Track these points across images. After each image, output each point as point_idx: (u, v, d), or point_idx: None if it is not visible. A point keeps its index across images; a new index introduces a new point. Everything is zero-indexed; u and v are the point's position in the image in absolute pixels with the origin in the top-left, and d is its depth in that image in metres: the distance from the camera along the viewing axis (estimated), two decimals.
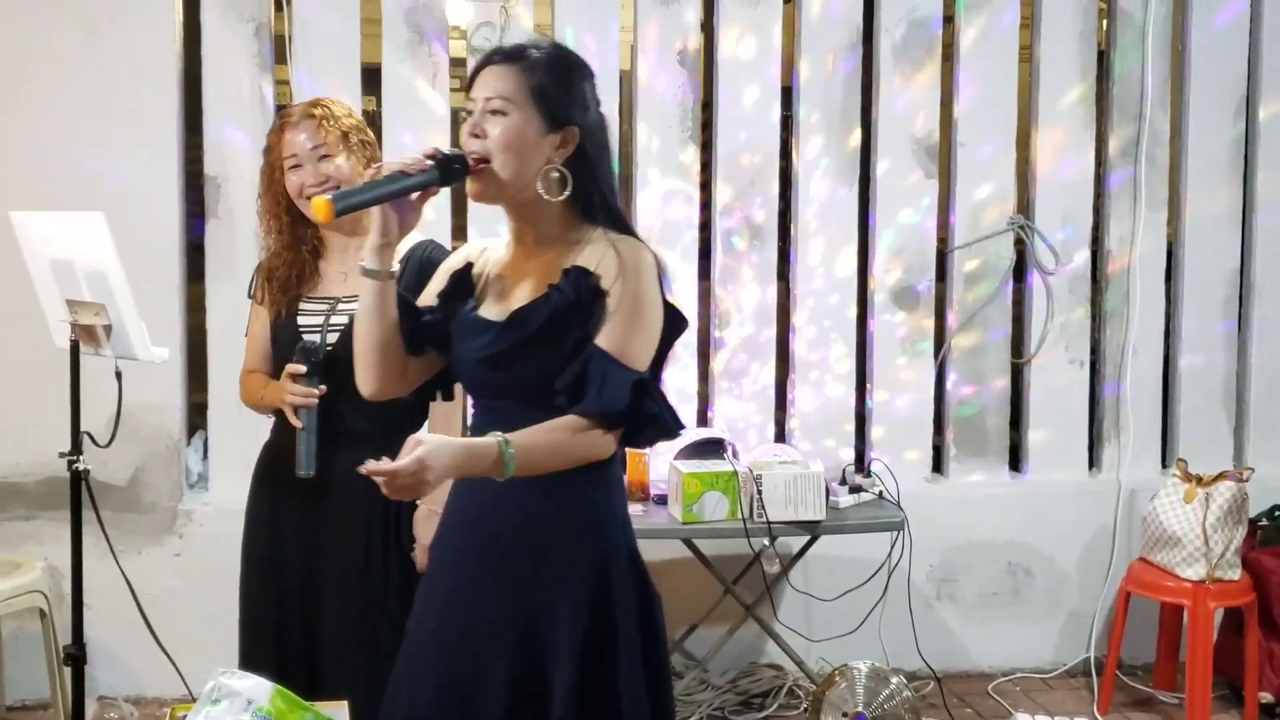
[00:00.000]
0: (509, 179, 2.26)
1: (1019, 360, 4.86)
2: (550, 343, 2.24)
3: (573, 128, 2.29)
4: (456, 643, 2.34)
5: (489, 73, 2.28)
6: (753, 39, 4.59)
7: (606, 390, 2.19)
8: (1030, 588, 4.81)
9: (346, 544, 2.98)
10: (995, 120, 4.73)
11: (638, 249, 2.30)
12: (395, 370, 2.40)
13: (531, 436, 2.19)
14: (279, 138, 2.98)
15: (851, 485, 4.34)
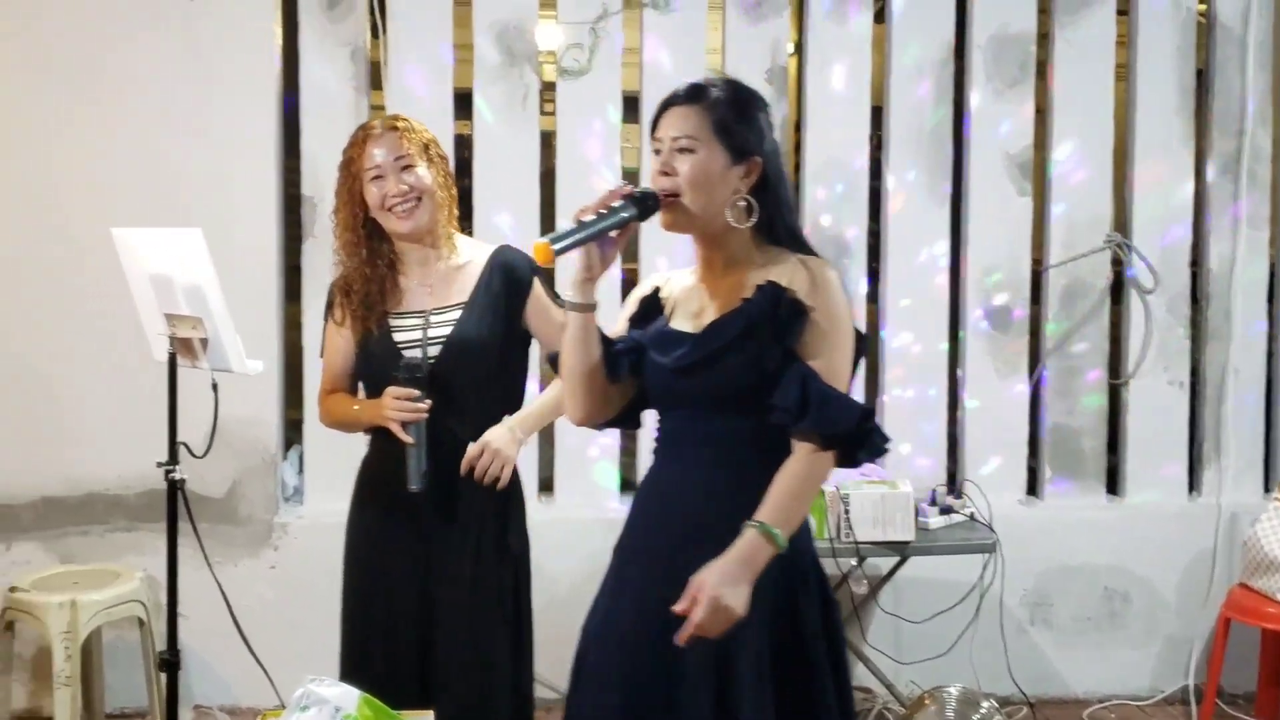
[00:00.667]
0: (699, 211, 2.41)
1: (1116, 381, 4.77)
2: (743, 352, 2.36)
3: (756, 158, 2.43)
4: (645, 645, 2.42)
5: (673, 113, 2.44)
6: (842, 57, 4.57)
7: (830, 411, 2.30)
8: (1127, 613, 4.71)
9: (456, 554, 3.02)
10: (1091, 137, 4.66)
11: (824, 267, 2.42)
12: (600, 397, 2.55)
13: (775, 500, 2.31)
14: (360, 150, 3.04)
15: (942, 506, 4.29)
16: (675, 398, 2.48)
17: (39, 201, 4.38)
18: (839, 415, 2.30)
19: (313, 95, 4.48)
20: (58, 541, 4.46)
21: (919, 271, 4.65)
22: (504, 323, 3.04)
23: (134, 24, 4.36)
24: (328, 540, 4.41)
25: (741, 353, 2.36)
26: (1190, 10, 4.64)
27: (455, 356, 2.99)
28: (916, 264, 4.65)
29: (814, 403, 2.30)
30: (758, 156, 2.42)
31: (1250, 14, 4.62)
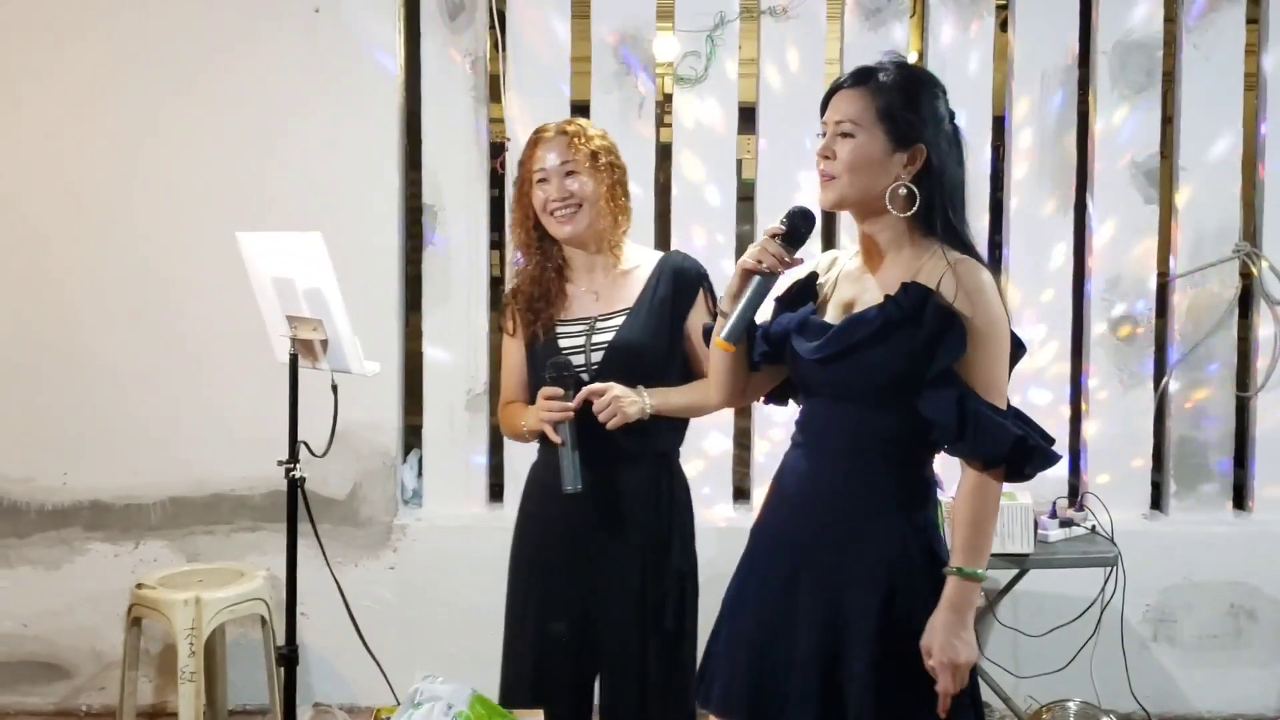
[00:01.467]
0: (856, 195, 2.41)
1: (1244, 394, 4.65)
2: (881, 349, 2.36)
3: (920, 146, 2.39)
4: (766, 622, 2.51)
5: (840, 97, 2.45)
6: (965, 65, 4.52)
7: (985, 435, 2.32)
8: (1254, 631, 4.59)
9: (622, 564, 3.01)
10: (1219, 145, 4.55)
11: (976, 270, 2.38)
12: (738, 384, 2.62)
13: (967, 537, 2.36)
14: (530, 153, 3.07)
15: (1062, 519, 4.22)
16: (813, 386, 2.51)
17: (163, 206, 4.51)
18: (995, 440, 2.31)
19: (433, 104, 4.55)
20: (184, 540, 4.59)
21: (1042, 281, 4.58)
22: (669, 328, 3.03)
23: (259, 30, 4.47)
24: (445, 542, 4.55)
25: (878, 350, 2.36)
26: None
27: (618, 362, 2.99)
28: (1039, 273, 4.58)
29: (970, 425, 2.31)
30: (921, 144, 2.38)
31: None
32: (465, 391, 4.59)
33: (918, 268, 2.39)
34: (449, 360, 4.59)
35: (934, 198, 2.39)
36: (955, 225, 2.41)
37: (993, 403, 2.33)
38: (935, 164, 2.39)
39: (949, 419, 2.31)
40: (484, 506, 4.64)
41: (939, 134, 2.41)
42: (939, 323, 2.32)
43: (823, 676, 2.42)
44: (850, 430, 2.44)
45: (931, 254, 2.39)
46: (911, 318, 2.33)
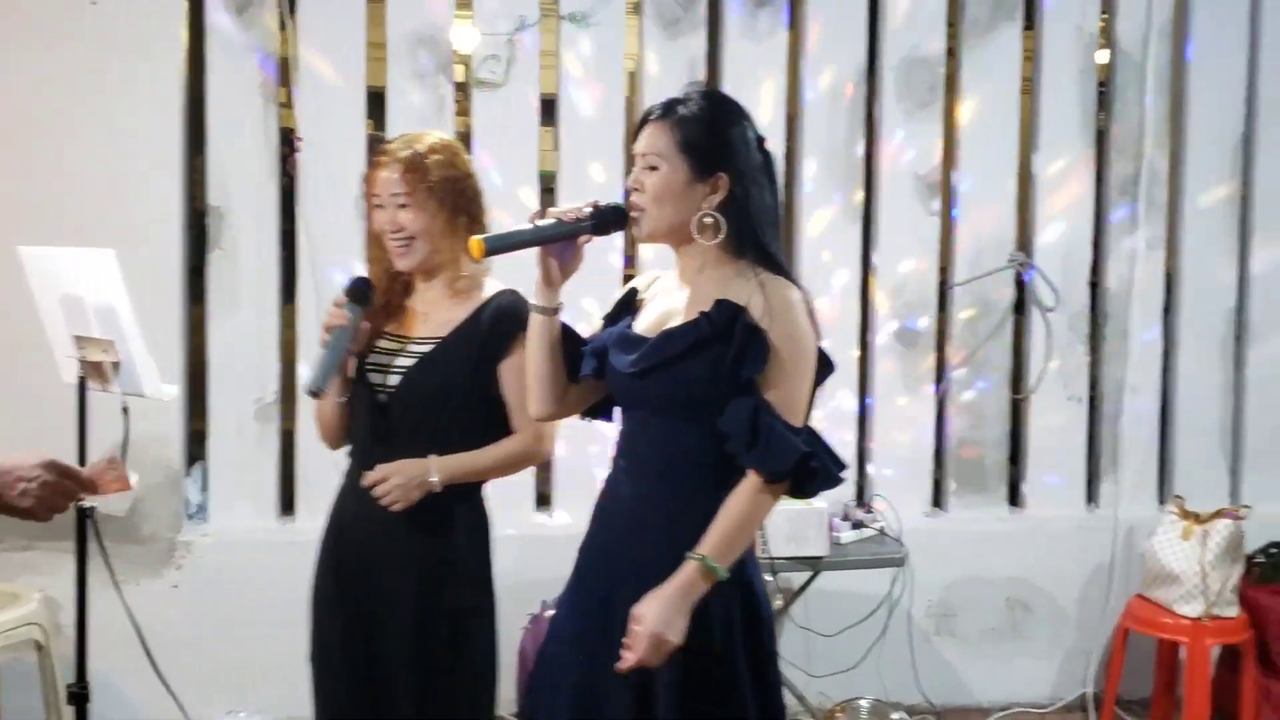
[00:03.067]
0: (663, 227, 2.47)
1: (1018, 396, 4.88)
2: (692, 365, 2.39)
3: (722, 175, 2.42)
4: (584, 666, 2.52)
5: (645, 130, 2.51)
6: (758, 71, 4.61)
7: (774, 449, 2.35)
8: (1029, 623, 4.82)
9: (404, 577, 2.90)
10: (997, 158, 4.76)
11: (784, 289, 2.42)
12: (556, 395, 2.63)
13: (722, 530, 2.37)
14: (371, 174, 2.93)
15: (854, 521, 4.36)
16: (630, 400, 2.55)
17: None
18: (782, 454, 2.35)
19: (220, 103, 4.39)
20: None
21: (829, 288, 4.71)
22: (473, 367, 2.90)
23: (33, 29, 4.22)
24: (233, 558, 4.40)
25: (690, 364, 2.39)
26: (1091, 35, 4.77)
27: (411, 390, 2.89)
28: (827, 280, 4.70)
29: (762, 437, 2.35)
30: (723, 174, 2.42)
31: (1149, 40, 4.75)
32: (254, 400, 4.45)
33: (729, 286, 2.42)
34: (237, 368, 4.44)
35: (741, 224, 2.44)
36: (766, 248, 2.45)
37: (788, 419, 2.37)
38: (739, 191, 2.43)
39: (741, 430, 2.35)
40: (275, 520, 4.51)
41: (743, 161, 2.45)
42: (745, 338, 2.36)
43: (636, 699, 2.44)
44: (666, 449, 2.46)
45: (742, 274, 2.43)
46: (722, 334, 2.37)
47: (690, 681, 2.41)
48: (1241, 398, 4.96)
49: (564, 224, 2.47)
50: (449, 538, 2.92)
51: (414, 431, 2.89)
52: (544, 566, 3.06)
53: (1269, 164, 4.89)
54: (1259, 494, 4.84)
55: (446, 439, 2.89)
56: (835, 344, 4.64)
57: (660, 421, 2.47)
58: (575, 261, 2.53)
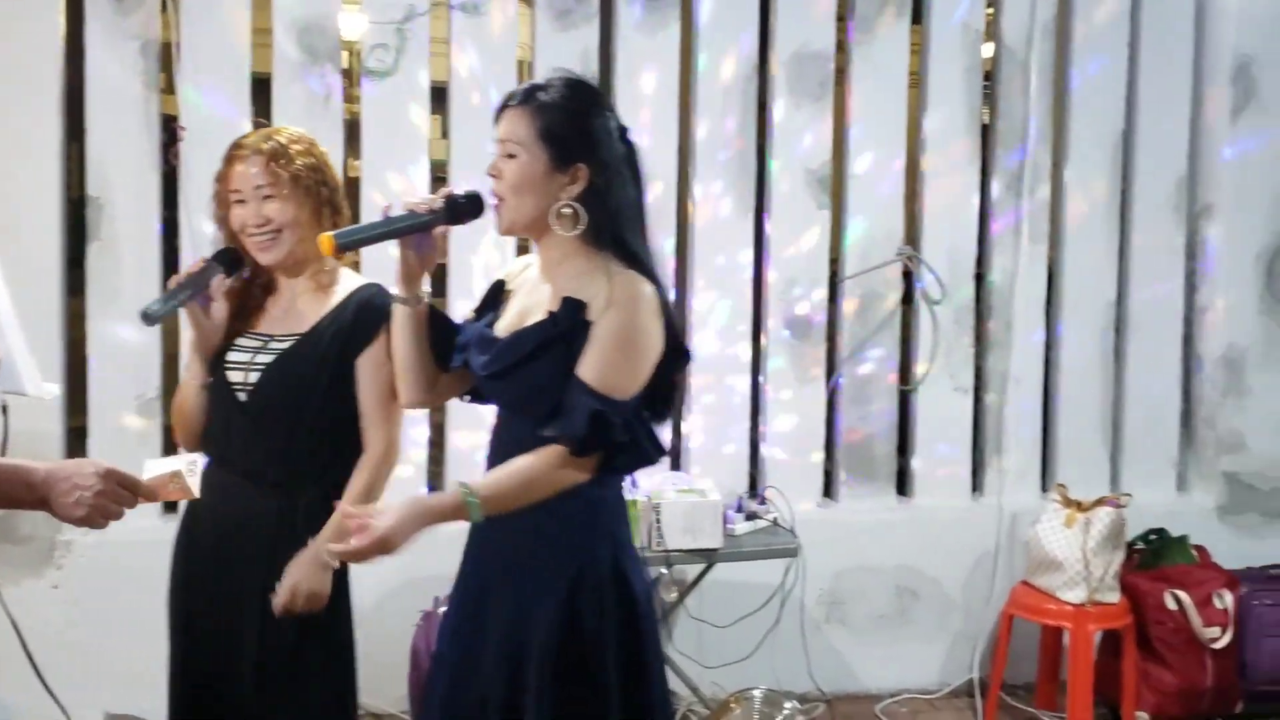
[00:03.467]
0: (522, 218, 2.43)
1: (906, 388, 4.95)
2: (539, 367, 2.38)
3: (581, 165, 2.39)
4: (459, 662, 2.52)
5: (505, 116, 2.45)
6: (650, 64, 4.60)
7: (569, 416, 2.32)
8: (916, 610, 4.90)
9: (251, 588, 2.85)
10: (886, 152, 4.82)
11: (634, 282, 2.39)
12: (424, 384, 2.60)
13: (499, 476, 2.35)
14: (228, 170, 2.86)
15: (747, 512, 4.39)
16: (490, 399, 2.55)
17: None
18: (575, 422, 2.31)
19: (99, 92, 4.26)
20: None
21: (723, 281, 4.73)
22: (336, 361, 2.85)
23: None
24: (115, 557, 4.29)
25: (538, 365, 2.38)
26: (977, 31, 4.84)
27: (273, 387, 2.83)
28: (721, 274, 4.72)
29: (565, 409, 2.33)
30: (583, 164, 2.40)
31: (1033, 37, 4.84)
32: (135, 396, 4.34)
33: (582, 281, 2.40)
34: (117, 363, 4.32)
35: (601, 216, 2.41)
36: (626, 241, 2.43)
37: (608, 396, 2.32)
38: (600, 183, 2.41)
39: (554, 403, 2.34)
40: (158, 518, 4.39)
41: (604, 152, 2.42)
42: (581, 332, 2.36)
43: (507, 693, 2.44)
44: (527, 446, 2.40)
45: (596, 269, 2.41)
46: (567, 333, 2.36)
47: (560, 680, 2.40)
48: (1121, 388, 5.08)
49: (417, 215, 2.43)
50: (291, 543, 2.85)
51: (274, 429, 2.83)
52: (437, 563, 3.01)
53: (1148, 160, 5.01)
54: (1138, 482, 4.99)
55: (308, 437, 2.84)
56: (727, 337, 4.71)
57: (519, 419, 2.46)
58: (434, 253, 2.50)
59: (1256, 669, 4.59)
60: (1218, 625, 4.49)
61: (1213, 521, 5.03)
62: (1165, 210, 5.03)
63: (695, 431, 4.76)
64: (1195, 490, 5.16)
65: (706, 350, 4.73)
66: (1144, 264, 5.04)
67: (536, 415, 2.39)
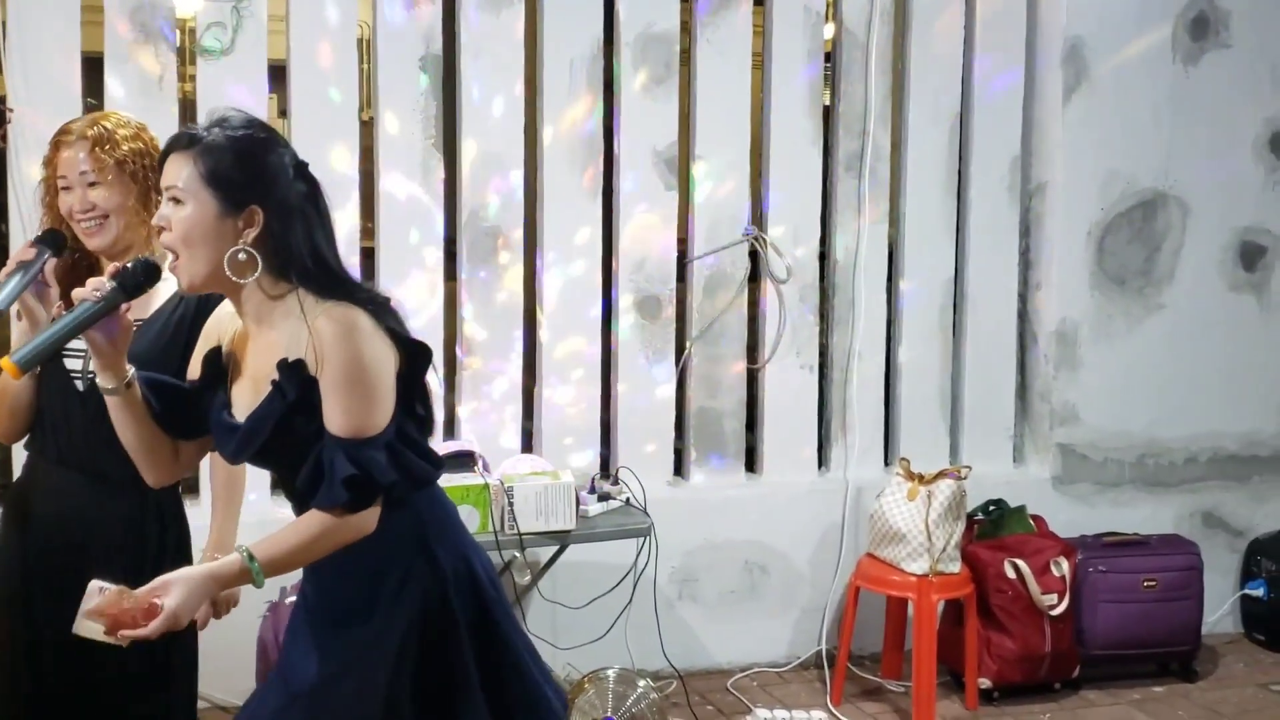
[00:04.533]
0: (201, 272, 2.28)
1: (754, 366, 5.01)
2: (286, 441, 2.27)
3: (254, 208, 2.27)
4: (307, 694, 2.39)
5: (169, 161, 2.29)
6: (496, 46, 4.57)
7: (330, 486, 2.22)
8: (766, 585, 4.97)
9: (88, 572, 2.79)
10: (731, 134, 4.86)
11: (340, 314, 2.25)
12: (167, 460, 2.45)
13: (280, 539, 2.24)
14: (54, 156, 2.80)
15: (600, 493, 4.40)
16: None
17: None
18: (336, 494, 2.21)
19: None
20: None
21: (572, 260, 4.73)
22: (183, 351, 2.71)
23: None
24: None
25: (282, 441, 2.27)
26: (818, 15, 4.91)
27: None
28: (570, 255, 4.73)
29: (325, 478, 2.23)
30: (256, 205, 2.26)
31: (873, 20, 4.93)
32: None
33: (287, 333, 2.29)
34: None
35: (281, 258, 2.28)
36: (317, 273, 2.30)
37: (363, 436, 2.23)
38: (275, 223, 2.27)
39: (307, 476, 2.26)
40: None
41: (280, 190, 2.29)
42: (311, 391, 2.25)
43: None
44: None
45: (291, 312, 2.29)
46: (299, 402, 2.25)
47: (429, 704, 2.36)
48: (960, 363, 5.22)
49: (93, 305, 2.25)
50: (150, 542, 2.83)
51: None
52: None
53: (982, 143, 5.14)
54: (976, 455, 5.12)
55: None
56: (578, 318, 4.72)
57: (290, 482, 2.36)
58: (125, 333, 2.31)
59: (1093, 634, 4.77)
60: (1055, 593, 4.65)
61: (1048, 491, 5.19)
62: (1000, 188, 5.17)
63: (547, 412, 4.76)
64: (1031, 461, 5.32)
65: (557, 331, 4.73)
66: (980, 241, 5.17)
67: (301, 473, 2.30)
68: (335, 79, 4.44)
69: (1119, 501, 5.27)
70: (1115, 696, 4.75)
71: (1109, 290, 5.23)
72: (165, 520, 2.86)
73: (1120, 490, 5.28)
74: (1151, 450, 5.31)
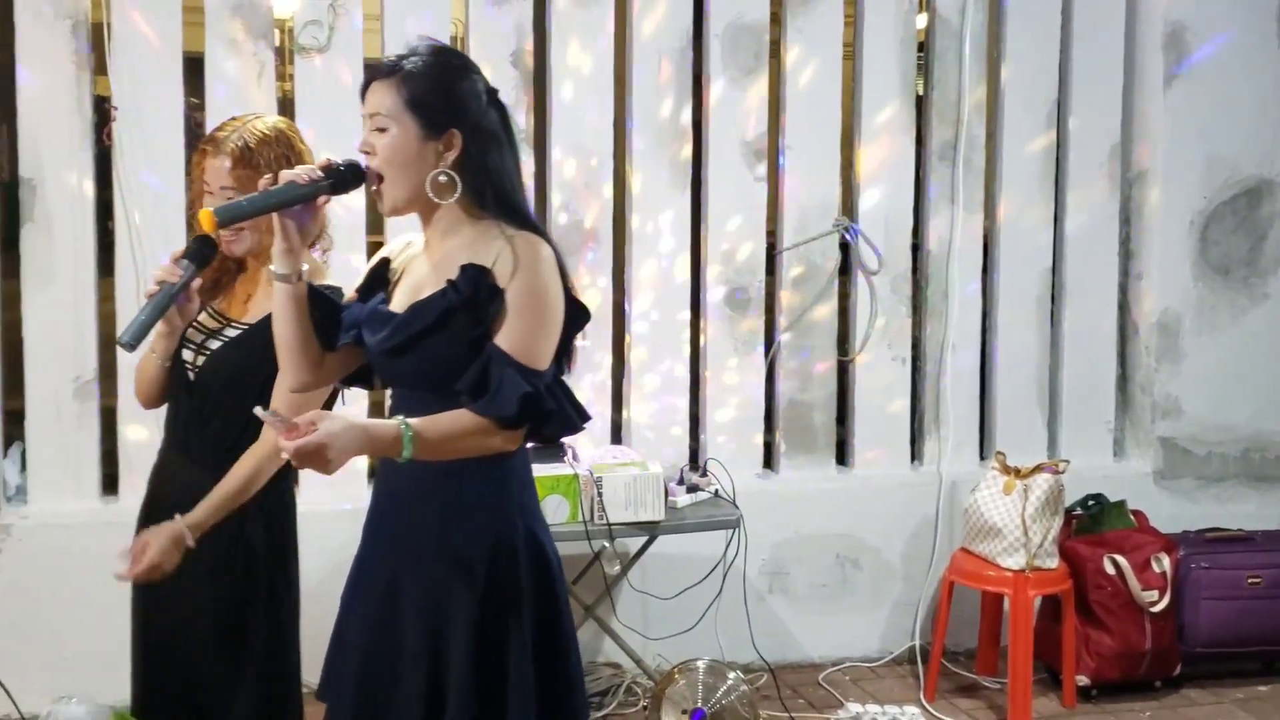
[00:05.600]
0: (404, 195, 2.39)
1: (844, 358, 4.98)
2: (444, 337, 2.34)
3: (454, 131, 2.37)
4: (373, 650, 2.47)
5: (371, 90, 2.40)
6: (585, 42, 4.60)
7: (499, 395, 2.29)
8: (858, 579, 4.94)
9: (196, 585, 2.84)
10: (821, 123, 4.84)
11: (533, 244, 2.37)
12: (310, 364, 2.51)
13: (433, 424, 2.29)
14: (199, 162, 2.85)
15: (689, 485, 4.41)
16: (388, 376, 2.51)
17: None
18: (505, 400, 2.29)
19: (30, 70, 4.22)
20: None
21: (661, 254, 4.74)
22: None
23: None
24: (56, 540, 4.27)
25: (440, 336, 2.34)
26: (911, 3, 4.86)
27: (215, 372, 2.85)
28: (658, 246, 4.74)
29: (491, 384, 2.30)
30: (455, 129, 2.37)
31: (966, 6, 4.88)
32: (73, 379, 4.31)
33: (476, 248, 2.39)
34: (54, 345, 4.30)
35: (479, 179, 2.39)
36: (509, 202, 2.42)
37: (527, 365, 2.32)
38: (474, 148, 2.38)
39: (472, 377, 2.32)
40: (97, 500, 4.39)
41: (475, 115, 2.40)
42: (490, 300, 2.33)
43: (428, 676, 2.42)
44: None
45: (488, 233, 2.39)
46: (469, 301, 2.33)
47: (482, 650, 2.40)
48: (1058, 355, 5.14)
49: (299, 186, 2.36)
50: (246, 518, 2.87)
51: (214, 413, 2.86)
52: None
53: (1082, 126, 5.05)
54: (1075, 448, 5.04)
55: (245, 429, 2.81)
56: (665, 310, 4.73)
57: (421, 396, 2.40)
58: (315, 225, 2.46)
59: (1194, 632, 4.68)
60: (1156, 589, 4.56)
61: (1149, 486, 5.09)
62: (1099, 176, 5.08)
63: (636, 404, 4.78)
64: (1132, 456, 5.22)
65: (646, 324, 4.75)
66: (1079, 230, 5.09)
67: (438, 389, 2.35)
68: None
69: (1222, 497, 5.15)
70: (1218, 695, 4.64)
71: (1212, 280, 5.11)
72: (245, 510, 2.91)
73: (1224, 485, 5.16)
74: (1257, 444, 5.18)
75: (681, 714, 4.03)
